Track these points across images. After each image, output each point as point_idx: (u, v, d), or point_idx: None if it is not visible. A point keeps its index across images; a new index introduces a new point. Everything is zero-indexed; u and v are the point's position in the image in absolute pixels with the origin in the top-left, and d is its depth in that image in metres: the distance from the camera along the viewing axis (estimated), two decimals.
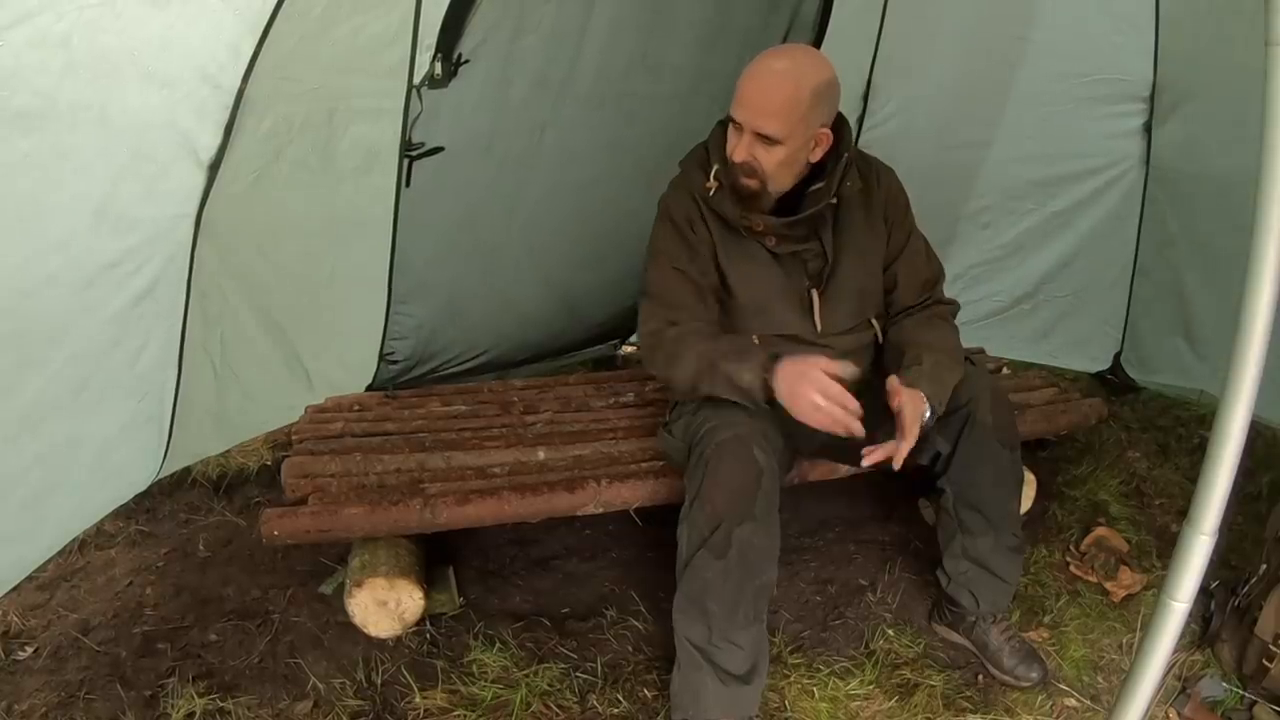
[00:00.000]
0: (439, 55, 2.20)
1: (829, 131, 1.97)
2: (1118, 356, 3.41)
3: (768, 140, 1.90)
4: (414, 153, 2.34)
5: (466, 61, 2.26)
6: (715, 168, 2.01)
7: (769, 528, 1.87)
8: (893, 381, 1.91)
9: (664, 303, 2.04)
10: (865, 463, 1.89)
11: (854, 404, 1.77)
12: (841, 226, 2.09)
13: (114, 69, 1.51)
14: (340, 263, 2.47)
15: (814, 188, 2.02)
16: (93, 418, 1.87)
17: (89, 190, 1.61)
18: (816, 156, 2.00)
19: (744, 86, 1.91)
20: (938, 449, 2.05)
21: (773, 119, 1.88)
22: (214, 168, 1.89)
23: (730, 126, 1.96)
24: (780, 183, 1.98)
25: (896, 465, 1.88)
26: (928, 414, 1.92)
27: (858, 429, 1.76)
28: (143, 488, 2.29)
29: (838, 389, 1.76)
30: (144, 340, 1.95)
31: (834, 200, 2.03)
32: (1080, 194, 3.20)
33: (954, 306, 2.23)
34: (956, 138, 3.23)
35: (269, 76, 1.85)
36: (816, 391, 1.76)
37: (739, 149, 1.93)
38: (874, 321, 2.18)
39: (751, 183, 1.95)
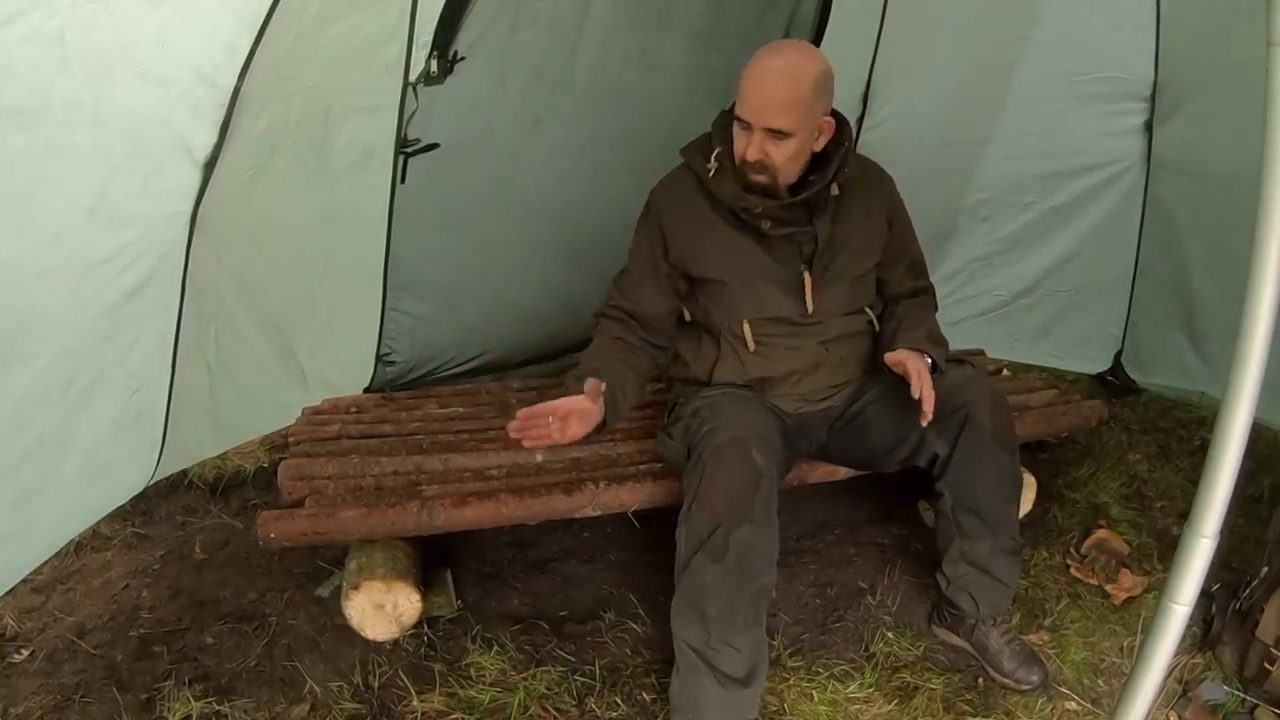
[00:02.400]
0: (435, 52, 2.20)
1: (831, 120, 2.03)
2: (1118, 358, 3.40)
3: (778, 135, 1.94)
4: (409, 149, 2.33)
5: (463, 58, 2.26)
6: (717, 150, 2.06)
7: (767, 530, 1.87)
8: (888, 356, 2.01)
9: (623, 286, 2.19)
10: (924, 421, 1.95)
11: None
12: (843, 217, 2.12)
13: (107, 66, 1.50)
14: (336, 260, 2.47)
15: (814, 175, 2.06)
16: (83, 414, 1.85)
17: (82, 187, 1.60)
18: (820, 146, 2.04)
19: (748, 87, 1.94)
20: (935, 451, 2.05)
21: (781, 114, 1.92)
22: (209, 166, 1.88)
23: (737, 127, 1.99)
24: (789, 175, 2.02)
25: (928, 410, 1.93)
26: (930, 362, 2.03)
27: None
28: (138, 489, 2.28)
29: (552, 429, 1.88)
30: (136, 336, 1.93)
31: (836, 192, 2.08)
32: (1081, 191, 3.19)
33: (934, 294, 2.35)
34: (957, 136, 3.22)
35: (265, 75, 1.84)
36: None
37: (751, 148, 1.96)
38: (868, 310, 2.22)
39: (762, 178, 1.99)
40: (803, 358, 2.14)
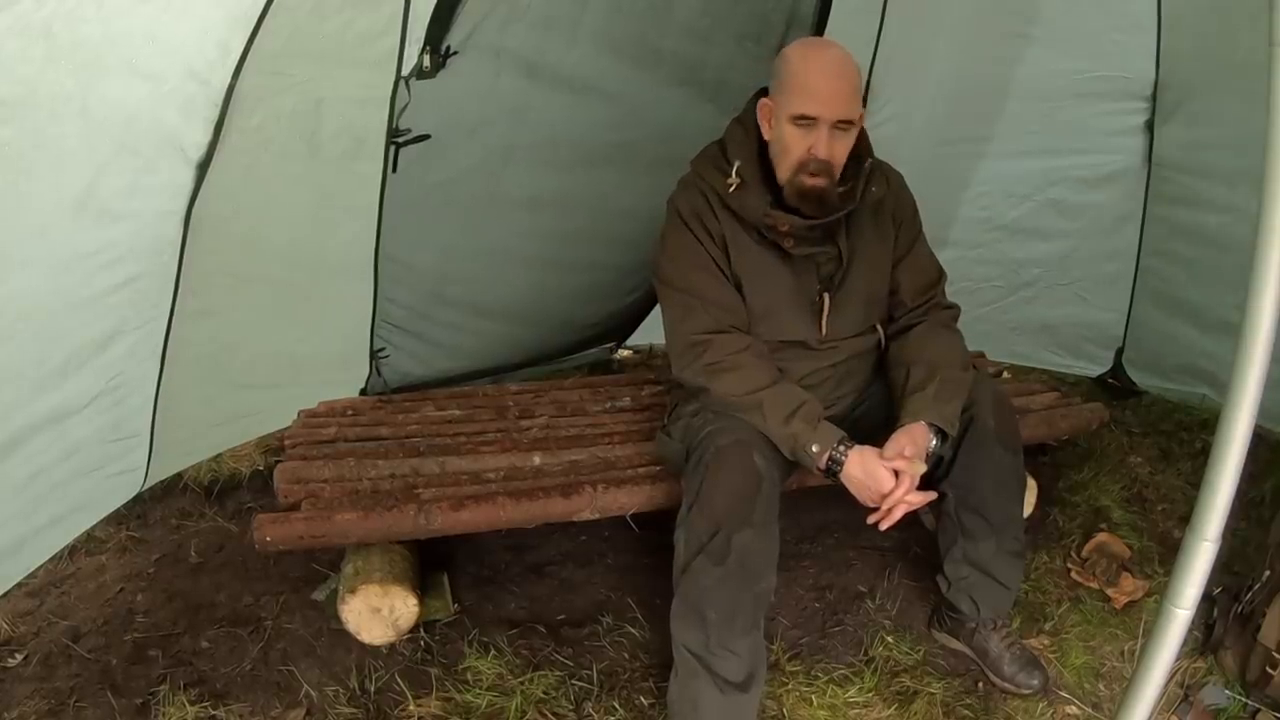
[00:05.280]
0: (427, 47, 2.19)
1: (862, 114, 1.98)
2: (1119, 359, 3.39)
3: (844, 128, 1.89)
4: (400, 139, 2.33)
5: (455, 53, 2.25)
6: (737, 164, 1.98)
7: (768, 534, 1.85)
8: (891, 452, 1.89)
9: (704, 303, 2.01)
10: (870, 520, 1.91)
11: (910, 504, 1.86)
12: (854, 232, 2.06)
13: (97, 60, 1.50)
14: (329, 253, 2.46)
15: (839, 190, 1.99)
16: (55, 392, 1.85)
17: (70, 181, 1.60)
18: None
19: (816, 80, 1.87)
20: (939, 453, 2.03)
21: (851, 103, 1.89)
22: (203, 166, 1.88)
23: (797, 129, 1.89)
24: (838, 174, 1.96)
25: (883, 527, 1.89)
26: (934, 443, 1.94)
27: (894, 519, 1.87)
28: (132, 493, 2.27)
29: (898, 494, 1.84)
30: (117, 328, 1.93)
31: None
32: (1081, 189, 3.19)
33: (955, 311, 2.20)
34: (957, 134, 3.22)
35: (259, 72, 1.84)
36: (878, 494, 1.86)
37: (822, 145, 1.88)
38: (878, 326, 2.17)
39: (822, 181, 1.91)
40: (812, 377, 2.10)
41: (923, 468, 1.89)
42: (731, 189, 1.98)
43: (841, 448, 1.88)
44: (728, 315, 2.01)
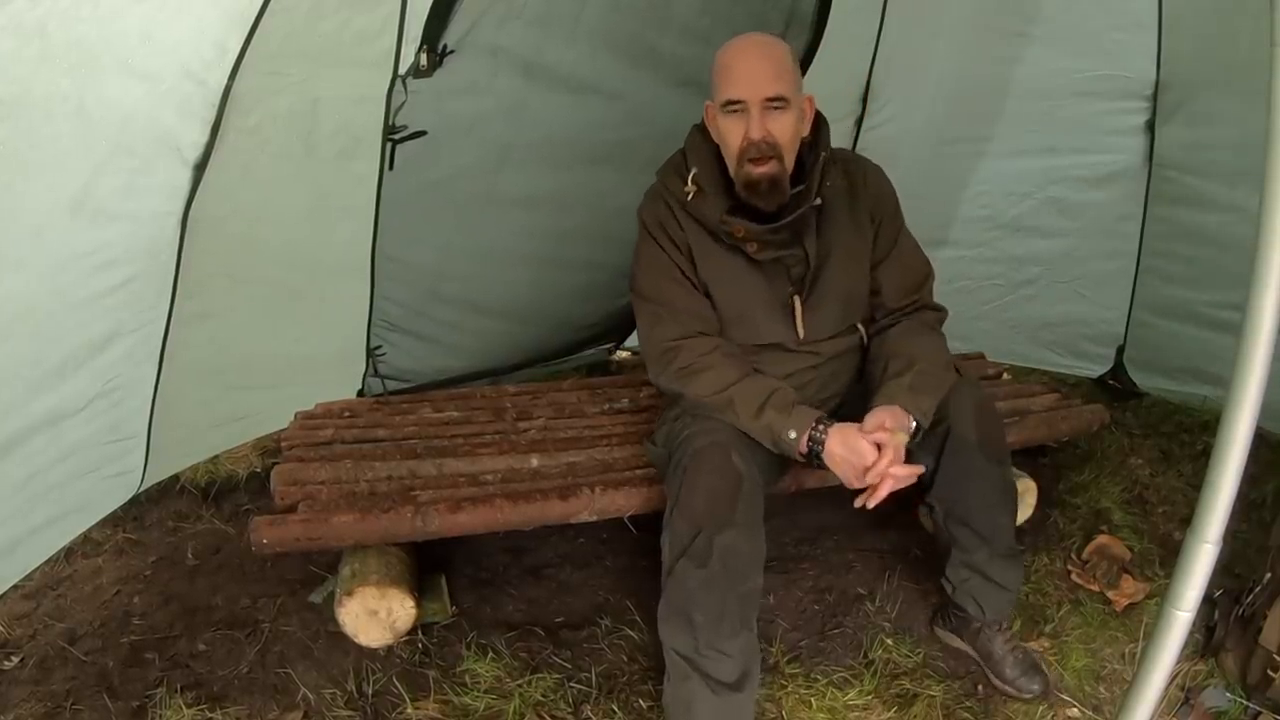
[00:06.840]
0: (424, 46, 2.19)
1: (811, 98, 1.99)
2: (1120, 359, 3.38)
3: (777, 105, 1.87)
4: (397, 136, 2.33)
5: (451, 52, 2.25)
6: (694, 171, 2.00)
7: (752, 534, 1.84)
8: (872, 426, 1.86)
9: (673, 311, 2.03)
10: (857, 504, 1.89)
11: (895, 477, 1.83)
12: (826, 229, 2.05)
13: (92, 59, 1.49)
14: (326, 253, 2.46)
15: (795, 190, 1.98)
16: (50, 393, 1.85)
17: (66, 181, 1.60)
18: (805, 130, 1.99)
19: (734, 64, 1.90)
20: (922, 465, 2.00)
21: (778, 80, 1.87)
22: (200, 167, 1.87)
23: (728, 117, 1.91)
24: (790, 159, 1.94)
25: (870, 504, 1.87)
26: (912, 426, 1.91)
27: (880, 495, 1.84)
28: (129, 494, 2.26)
29: (882, 465, 1.81)
30: (114, 330, 1.93)
31: (818, 202, 2.00)
32: (1081, 189, 3.19)
33: (941, 314, 2.18)
34: (957, 134, 3.22)
35: (256, 73, 1.84)
36: (862, 469, 1.83)
37: (754, 126, 1.88)
38: (859, 326, 2.15)
39: (769, 167, 1.90)
40: (794, 379, 2.08)
41: (904, 438, 1.87)
42: (690, 197, 1.99)
43: (820, 427, 1.87)
44: (696, 321, 2.03)
